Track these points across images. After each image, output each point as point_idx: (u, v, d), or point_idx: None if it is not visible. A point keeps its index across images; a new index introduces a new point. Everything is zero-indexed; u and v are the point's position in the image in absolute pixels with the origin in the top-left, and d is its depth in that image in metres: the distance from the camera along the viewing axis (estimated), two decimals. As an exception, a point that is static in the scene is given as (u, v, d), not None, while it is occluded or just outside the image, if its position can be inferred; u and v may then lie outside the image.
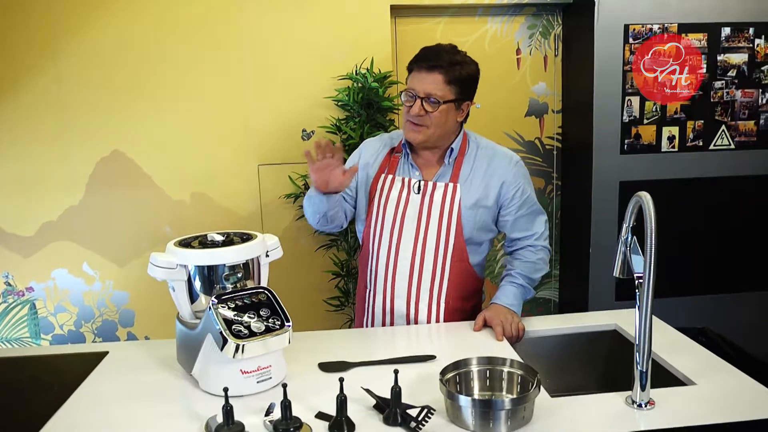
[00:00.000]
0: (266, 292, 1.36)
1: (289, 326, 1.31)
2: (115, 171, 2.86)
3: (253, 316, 1.30)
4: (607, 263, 2.91)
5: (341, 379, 1.16)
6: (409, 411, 1.20)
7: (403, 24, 3.01)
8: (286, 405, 1.15)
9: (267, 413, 1.22)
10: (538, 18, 3.09)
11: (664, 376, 1.41)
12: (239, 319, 1.28)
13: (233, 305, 1.30)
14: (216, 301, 1.29)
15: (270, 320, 1.31)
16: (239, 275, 1.36)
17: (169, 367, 1.49)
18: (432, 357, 1.48)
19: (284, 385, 1.15)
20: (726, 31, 2.77)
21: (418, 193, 1.78)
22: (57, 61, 2.77)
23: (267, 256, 1.44)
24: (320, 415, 1.23)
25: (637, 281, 1.19)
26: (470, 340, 1.64)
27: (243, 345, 1.24)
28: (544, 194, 3.25)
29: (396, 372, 1.16)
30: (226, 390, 1.13)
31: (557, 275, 3.33)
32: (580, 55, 2.90)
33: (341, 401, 1.17)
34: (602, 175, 2.84)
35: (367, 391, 1.27)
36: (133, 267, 2.96)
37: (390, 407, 1.19)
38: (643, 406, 1.23)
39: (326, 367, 1.45)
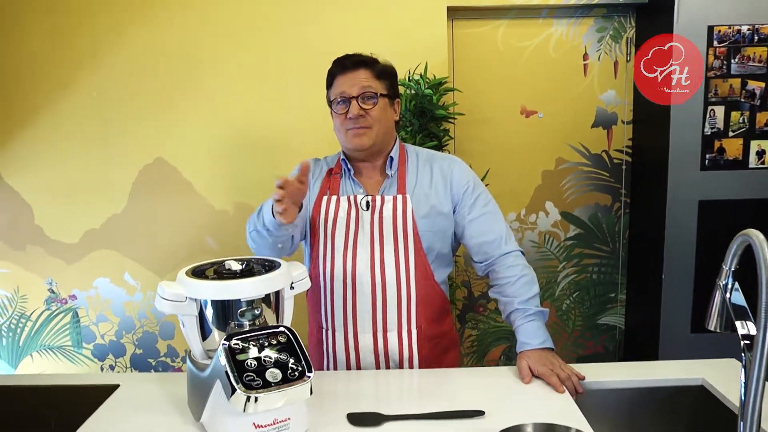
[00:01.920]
0: (287, 332, 1.17)
1: (310, 376, 1.12)
2: (158, 178, 2.81)
3: (269, 360, 1.12)
4: (683, 290, 2.64)
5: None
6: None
7: (461, 27, 2.80)
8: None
9: (281, 479, 1.04)
10: (609, 20, 2.82)
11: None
12: (253, 364, 1.10)
13: (247, 346, 1.13)
14: (227, 342, 1.12)
15: (289, 367, 1.12)
16: (257, 311, 1.18)
17: (181, 409, 1.32)
18: (480, 413, 1.26)
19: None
20: (828, 32, 2.44)
21: (367, 209, 1.60)
22: (100, 67, 2.73)
23: (292, 288, 1.26)
24: (343, 485, 1.05)
25: (743, 342, 0.95)
26: (522, 390, 1.41)
27: (256, 397, 1.06)
28: (610, 212, 2.97)
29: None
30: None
31: (623, 300, 3.04)
32: (656, 60, 2.62)
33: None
34: (679, 193, 2.55)
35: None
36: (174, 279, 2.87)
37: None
38: (746, 500, 0.98)
39: (356, 419, 1.25)
